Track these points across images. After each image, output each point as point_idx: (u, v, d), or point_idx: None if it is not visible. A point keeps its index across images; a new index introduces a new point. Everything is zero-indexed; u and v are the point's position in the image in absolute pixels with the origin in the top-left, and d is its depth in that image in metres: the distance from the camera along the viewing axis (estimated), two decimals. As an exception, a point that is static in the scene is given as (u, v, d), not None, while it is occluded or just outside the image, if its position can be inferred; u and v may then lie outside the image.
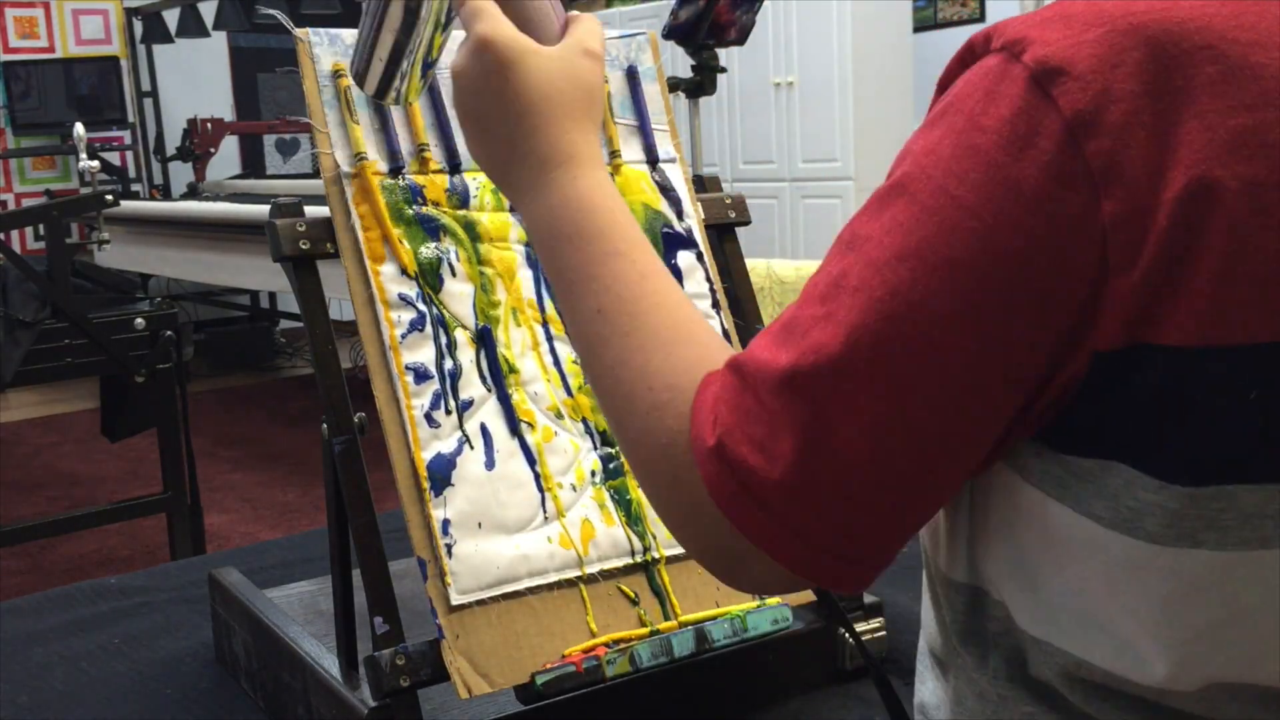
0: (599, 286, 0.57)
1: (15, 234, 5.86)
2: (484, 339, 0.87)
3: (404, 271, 0.86)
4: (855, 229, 0.51)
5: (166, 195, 5.87)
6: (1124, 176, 0.44)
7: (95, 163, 2.80)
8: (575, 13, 0.67)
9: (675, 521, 0.55)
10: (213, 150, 5.69)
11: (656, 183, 0.97)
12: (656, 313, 0.57)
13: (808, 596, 0.91)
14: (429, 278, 0.86)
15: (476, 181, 0.91)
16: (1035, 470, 0.49)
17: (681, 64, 3.56)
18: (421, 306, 0.85)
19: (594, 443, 0.88)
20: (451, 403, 0.84)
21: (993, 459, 0.51)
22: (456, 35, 0.67)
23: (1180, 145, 0.44)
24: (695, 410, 0.53)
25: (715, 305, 0.96)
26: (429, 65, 0.71)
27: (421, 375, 0.84)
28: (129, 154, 6.32)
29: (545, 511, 0.84)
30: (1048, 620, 0.51)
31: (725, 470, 0.50)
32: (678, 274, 0.95)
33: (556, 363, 0.89)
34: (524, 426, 0.86)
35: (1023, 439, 0.50)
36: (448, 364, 0.85)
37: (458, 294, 0.87)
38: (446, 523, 0.80)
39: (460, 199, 0.90)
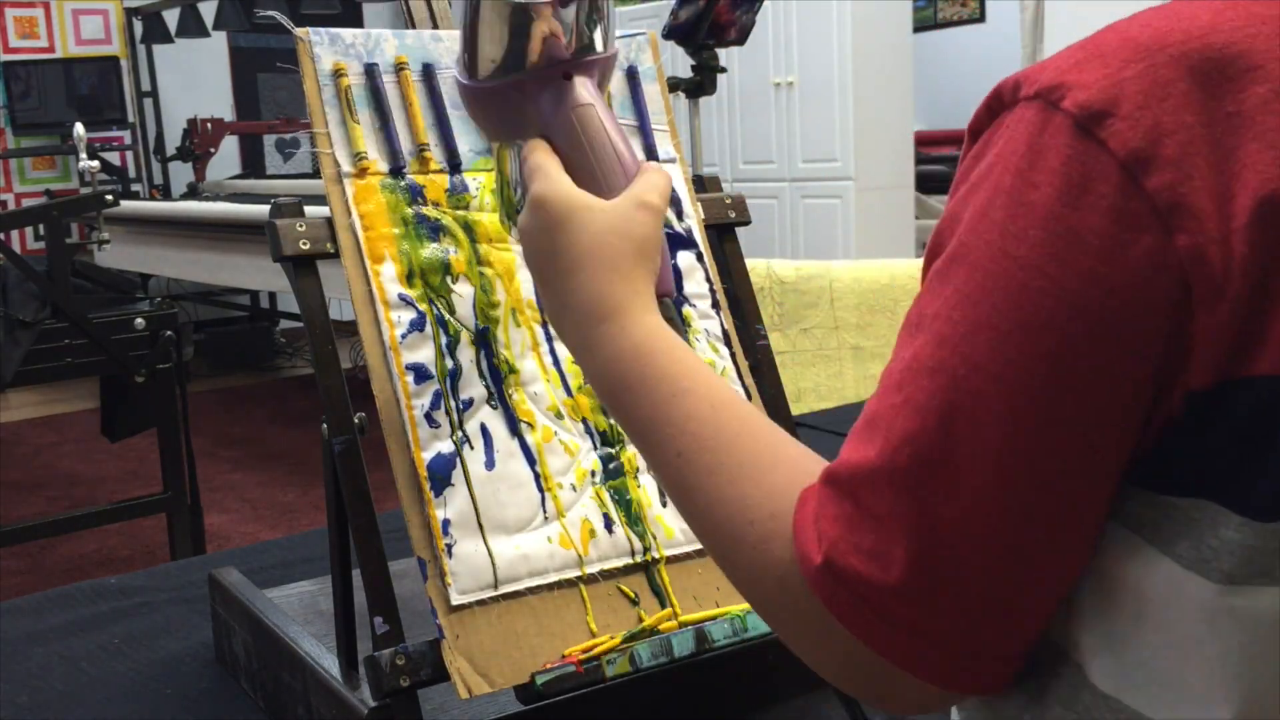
0: (674, 430, 0.56)
1: (15, 234, 5.86)
2: (484, 339, 0.87)
3: (404, 272, 0.86)
4: (920, 309, 0.49)
5: (166, 195, 5.87)
6: (1192, 209, 0.43)
7: (95, 163, 2.80)
8: (647, 162, 0.68)
9: (810, 654, 0.52)
10: (213, 150, 5.69)
11: (656, 183, 0.97)
12: (738, 442, 0.55)
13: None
14: (429, 278, 0.86)
15: (477, 181, 0.91)
16: (1124, 511, 0.47)
17: (681, 64, 3.56)
18: (422, 307, 0.85)
19: (594, 443, 0.88)
20: (451, 403, 0.84)
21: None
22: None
23: (1244, 169, 0.43)
24: (797, 531, 0.50)
25: (715, 305, 0.96)
26: (515, 212, 0.73)
27: (422, 375, 0.84)
28: (129, 154, 6.32)
29: (545, 511, 0.84)
30: (1119, 675, 0.48)
31: (839, 586, 0.48)
32: (677, 274, 0.95)
33: (556, 363, 0.89)
34: (524, 427, 0.86)
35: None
36: (448, 364, 0.85)
37: (458, 294, 0.87)
38: (446, 523, 0.80)
39: (460, 199, 0.90)
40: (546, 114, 0.68)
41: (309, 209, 0.87)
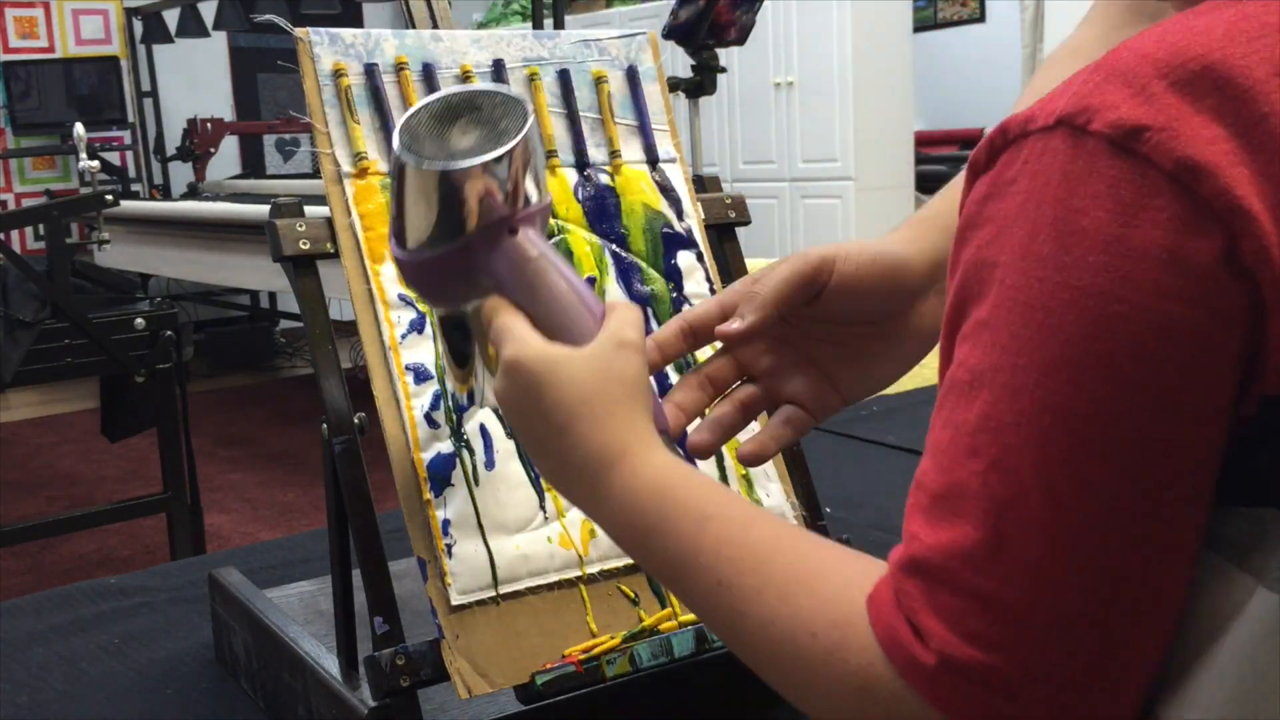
0: (708, 560, 0.54)
1: (15, 234, 5.86)
2: (484, 339, 0.87)
3: (404, 271, 0.86)
4: (968, 366, 0.46)
5: (166, 195, 5.87)
6: (1249, 212, 0.42)
7: (95, 163, 2.80)
8: (612, 301, 0.65)
9: None
10: (213, 150, 5.69)
11: (656, 183, 0.97)
12: (778, 557, 0.53)
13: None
14: (429, 278, 0.86)
15: (476, 181, 0.91)
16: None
17: (681, 64, 3.56)
18: (421, 307, 0.85)
19: (594, 443, 0.88)
20: (451, 403, 0.84)
21: None
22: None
23: None
24: (882, 636, 0.47)
25: (715, 305, 0.96)
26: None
27: (421, 375, 0.84)
28: (129, 154, 6.32)
29: (545, 511, 0.84)
30: (1189, 706, 0.46)
31: (961, 684, 0.45)
32: (678, 274, 0.95)
33: (556, 363, 0.89)
34: (524, 426, 0.86)
35: None
36: (448, 364, 0.85)
37: (458, 294, 0.87)
38: (446, 523, 0.80)
39: (460, 199, 0.90)
40: (498, 273, 0.63)
41: (309, 209, 0.87)
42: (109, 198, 2.75)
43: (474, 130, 0.63)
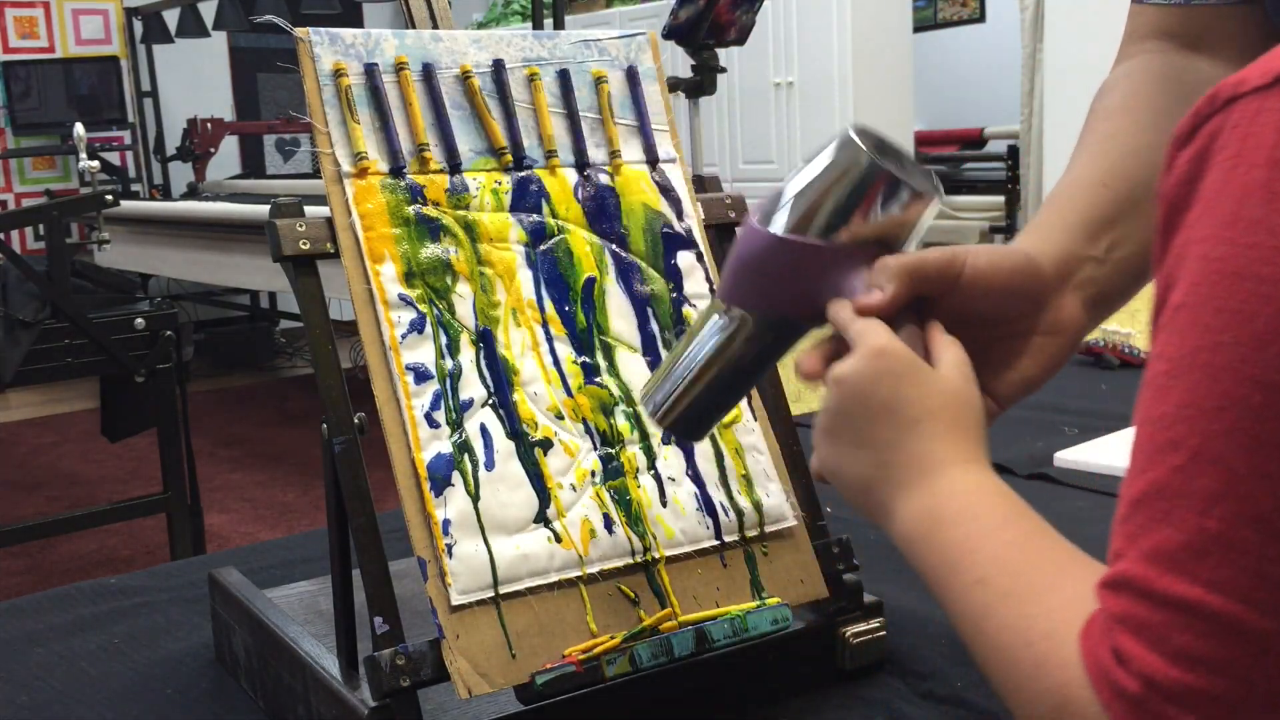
0: (982, 558, 0.53)
1: (15, 234, 5.86)
2: (484, 340, 0.87)
3: (404, 272, 0.86)
4: (1166, 358, 0.43)
5: (166, 195, 5.87)
6: None
7: (95, 163, 2.80)
8: (942, 336, 0.65)
9: None
10: (213, 150, 5.69)
11: (656, 183, 0.97)
12: (1035, 561, 0.52)
13: (807, 596, 0.91)
14: (429, 278, 0.86)
15: (477, 181, 0.91)
16: None
17: (681, 64, 3.56)
18: (422, 307, 0.85)
19: (594, 443, 0.88)
20: (451, 403, 0.84)
21: None
22: None
23: None
24: (1086, 658, 0.44)
25: (715, 305, 0.96)
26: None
27: (421, 375, 0.84)
28: (129, 154, 6.32)
29: (545, 511, 0.84)
30: None
31: (1167, 712, 0.40)
32: (677, 274, 0.95)
33: (556, 363, 0.89)
34: (524, 427, 0.86)
35: None
36: (448, 364, 0.85)
37: (458, 295, 0.87)
38: (447, 523, 0.80)
39: (460, 199, 0.90)
40: (853, 290, 0.65)
41: (309, 209, 0.87)
42: (109, 198, 2.75)
43: (905, 167, 0.67)
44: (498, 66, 0.94)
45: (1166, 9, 0.83)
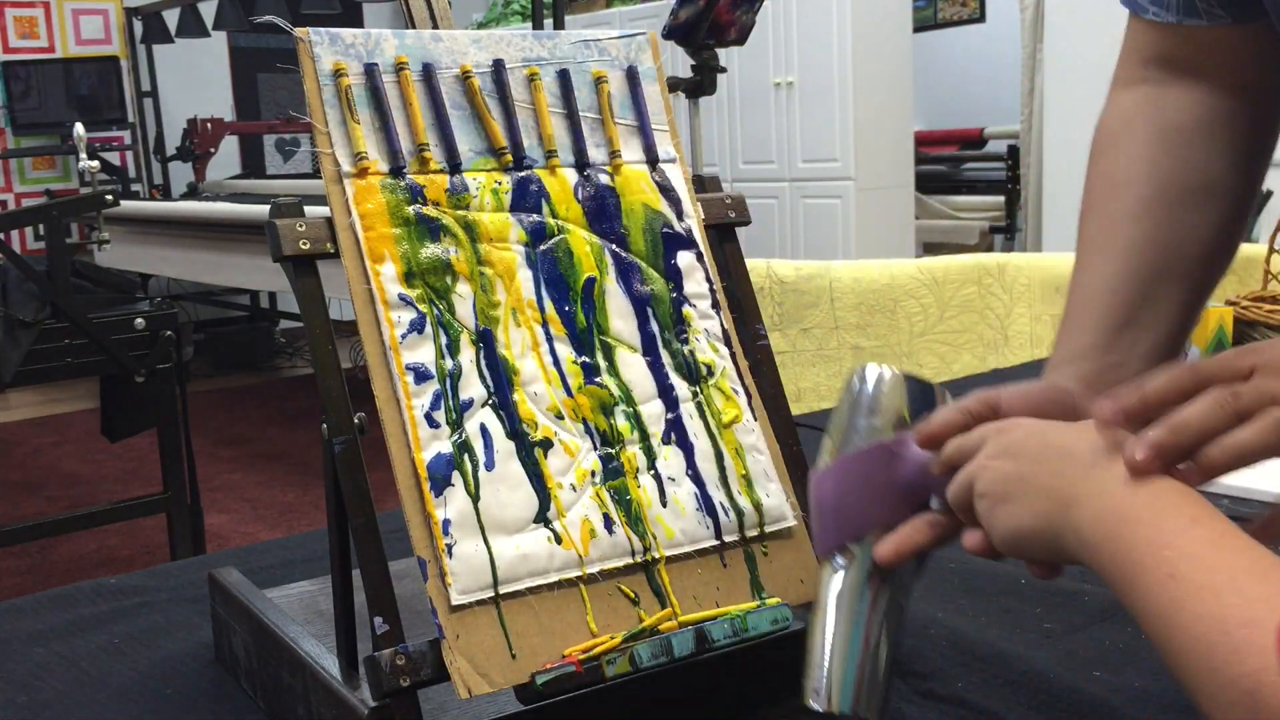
0: (1173, 554, 0.54)
1: (15, 234, 5.86)
2: (484, 340, 0.87)
3: (404, 272, 0.86)
4: None
5: (166, 195, 5.87)
6: None
7: (95, 163, 2.81)
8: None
9: None
10: (213, 150, 5.70)
11: (656, 183, 0.97)
12: (1233, 556, 0.53)
13: (807, 596, 0.91)
14: (429, 278, 0.86)
15: (477, 181, 0.91)
16: None
17: (681, 64, 3.56)
18: (422, 307, 0.85)
19: (594, 443, 0.88)
20: (452, 403, 0.84)
21: None
22: None
23: None
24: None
25: (715, 305, 0.96)
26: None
27: (422, 375, 0.84)
28: (129, 154, 6.32)
29: (545, 511, 0.84)
30: None
31: None
32: (677, 274, 0.95)
33: (556, 363, 0.89)
34: (524, 427, 0.86)
35: None
36: (448, 364, 0.85)
37: (458, 295, 0.87)
38: (447, 523, 0.80)
39: (460, 199, 0.90)
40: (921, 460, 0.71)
41: (309, 209, 0.87)
42: (109, 198, 2.75)
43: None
44: (498, 66, 0.94)
45: (1161, 29, 0.84)
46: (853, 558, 0.71)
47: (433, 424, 0.83)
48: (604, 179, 0.95)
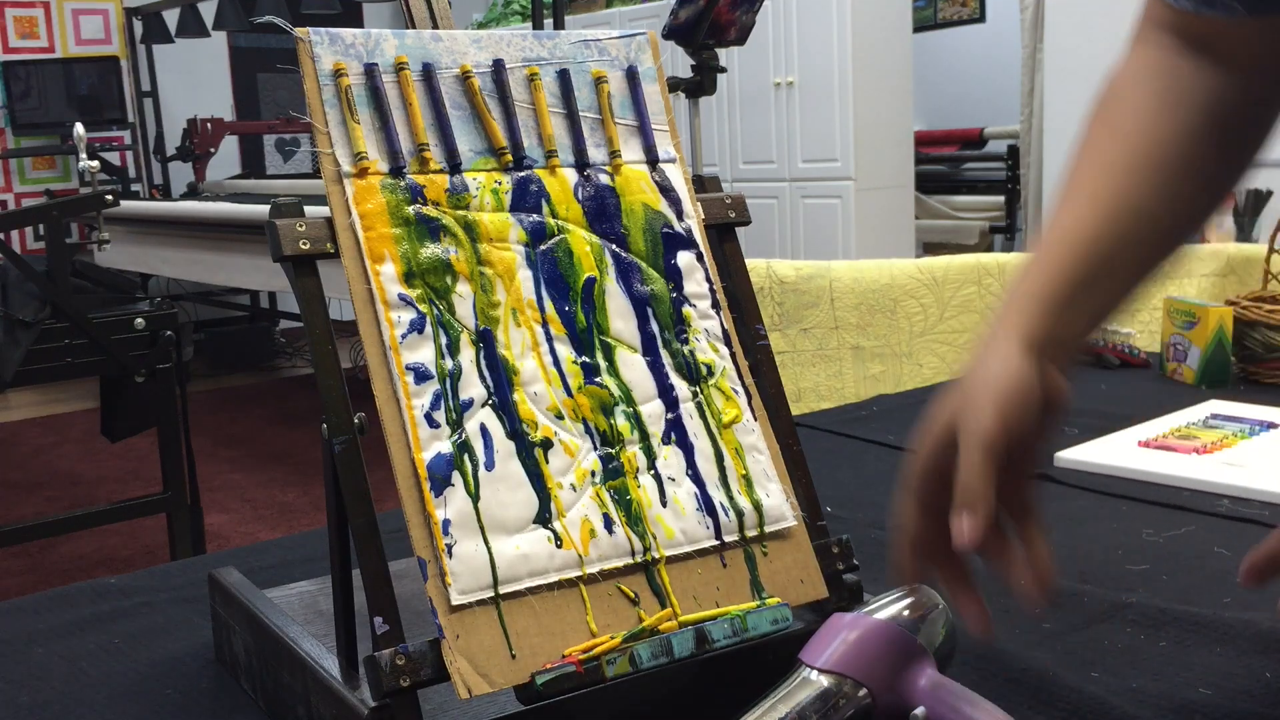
0: None
1: (15, 234, 5.86)
2: (484, 340, 0.87)
3: (404, 272, 0.86)
4: None
5: (166, 195, 5.87)
6: None
7: (95, 163, 2.81)
8: None
9: None
10: (213, 150, 5.70)
11: (656, 183, 0.97)
12: None
13: (807, 596, 0.91)
14: (429, 278, 0.86)
15: (476, 181, 0.91)
16: None
17: (681, 64, 3.56)
18: (422, 307, 0.85)
19: (594, 443, 0.88)
20: (451, 403, 0.84)
21: None
22: None
23: None
24: None
25: (715, 305, 0.96)
26: None
27: (422, 375, 0.84)
28: (129, 154, 6.32)
29: (545, 511, 0.84)
30: None
31: None
32: (677, 274, 0.95)
33: (556, 363, 0.89)
34: (524, 427, 0.86)
35: None
36: (448, 364, 0.85)
37: (458, 294, 0.87)
38: (447, 523, 0.80)
39: (460, 199, 0.90)
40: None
41: (309, 209, 0.87)
42: (109, 198, 2.75)
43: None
44: (498, 66, 0.94)
45: (1177, 12, 0.84)
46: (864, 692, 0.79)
47: (433, 424, 0.83)
48: (604, 179, 0.95)
